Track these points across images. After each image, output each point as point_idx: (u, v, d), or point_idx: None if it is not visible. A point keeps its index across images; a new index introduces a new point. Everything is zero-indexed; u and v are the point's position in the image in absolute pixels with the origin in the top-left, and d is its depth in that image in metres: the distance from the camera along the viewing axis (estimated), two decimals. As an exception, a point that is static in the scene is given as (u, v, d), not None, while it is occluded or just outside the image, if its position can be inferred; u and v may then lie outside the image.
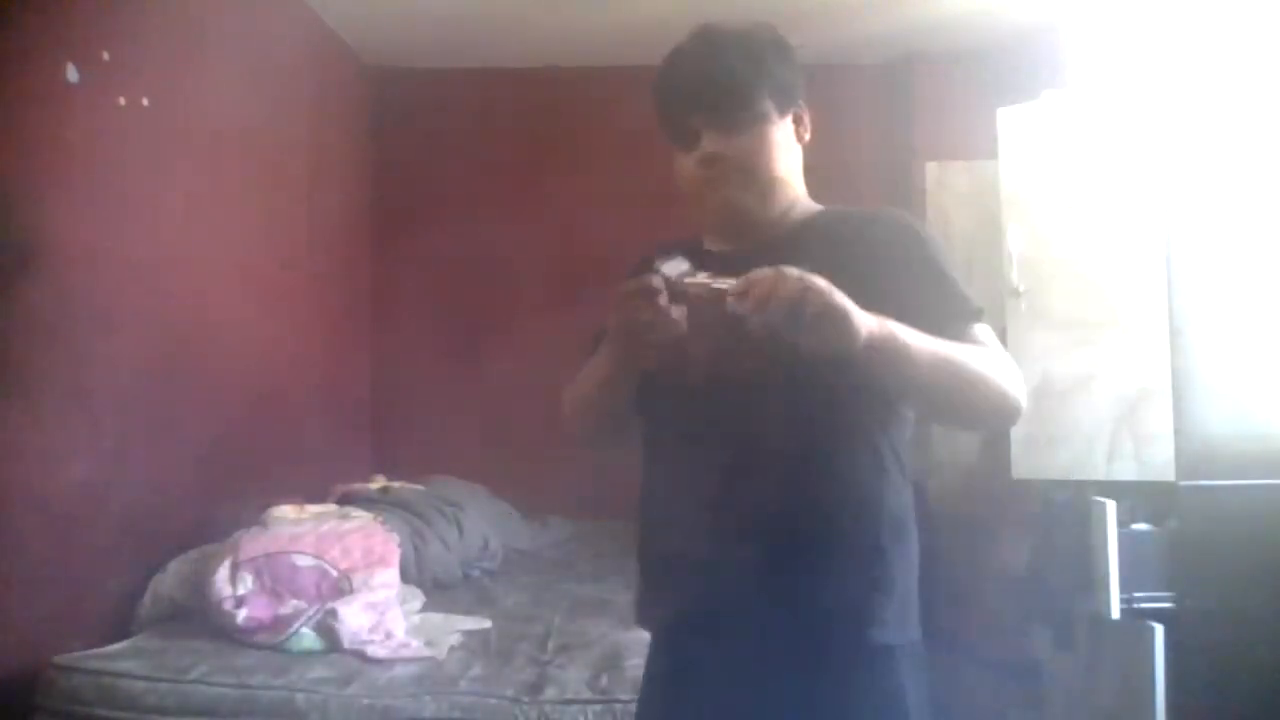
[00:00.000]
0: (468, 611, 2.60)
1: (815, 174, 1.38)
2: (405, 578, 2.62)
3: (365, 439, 4.10)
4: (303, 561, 2.36)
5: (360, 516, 2.68)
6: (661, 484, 1.33)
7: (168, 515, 2.55)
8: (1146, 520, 2.50)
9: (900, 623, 1.24)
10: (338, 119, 3.87)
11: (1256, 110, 2.53)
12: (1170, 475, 2.45)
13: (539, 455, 4.03)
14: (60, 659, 2.05)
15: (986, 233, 2.92)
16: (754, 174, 1.27)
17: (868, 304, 1.10)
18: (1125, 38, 2.82)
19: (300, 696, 1.99)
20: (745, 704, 1.22)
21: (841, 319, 1.06)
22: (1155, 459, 2.46)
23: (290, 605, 2.27)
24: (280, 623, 2.24)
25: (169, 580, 2.43)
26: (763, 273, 1.06)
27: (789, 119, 1.32)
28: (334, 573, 2.36)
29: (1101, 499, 2.39)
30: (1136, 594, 2.38)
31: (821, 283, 1.06)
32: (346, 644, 2.22)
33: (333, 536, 2.47)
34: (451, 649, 2.25)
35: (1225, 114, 2.55)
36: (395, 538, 2.63)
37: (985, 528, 3.18)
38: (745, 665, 1.22)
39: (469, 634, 2.38)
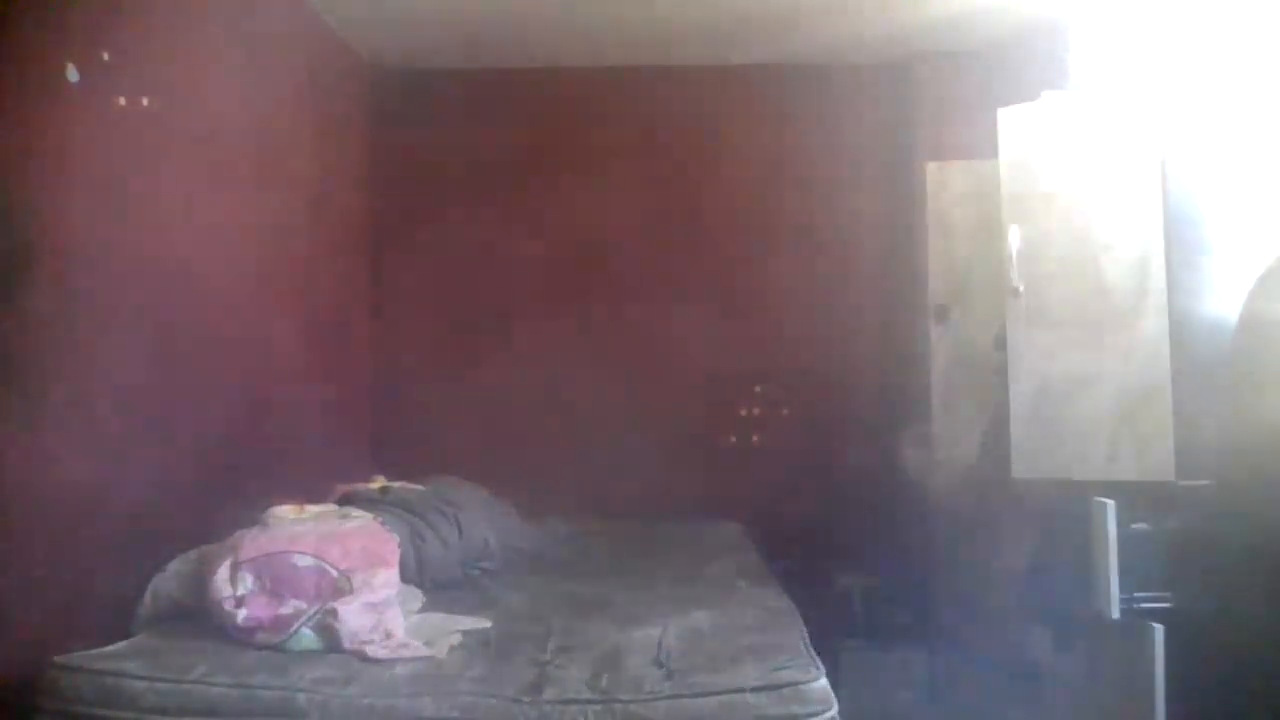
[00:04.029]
0: (468, 611, 2.60)
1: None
2: (405, 578, 2.61)
3: (365, 439, 4.10)
4: (303, 561, 2.36)
5: (360, 516, 2.68)
6: None
7: (168, 515, 2.54)
8: (1146, 520, 2.50)
9: None
10: (338, 119, 3.87)
11: (1256, 110, 2.53)
12: (1170, 475, 2.45)
13: (539, 455, 4.05)
14: (60, 659, 2.05)
15: (986, 233, 2.92)
16: None
17: None
18: (1125, 38, 2.82)
19: (300, 696, 1.99)
20: None
21: None
22: (1155, 459, 2.46)
23: (290, 605, 2.27)
24: (280, 623, 2.24)
25: (169, 580, 2.43)
26: None
27: None
28: (334, 573, 2.36)
29: (1101, 499, 2.39)
30: (1136, 594, 2.38)
31: None
32: (346, 644, 2.21)
33: (333, 536, 2.47)
34: (451, 649, 2.25)
35: (1225, 113, 2.56)
36: (395, 538, 2.62)
37: (985, 528, 3.18)
38: None
39: (469, 634, 2.38)
